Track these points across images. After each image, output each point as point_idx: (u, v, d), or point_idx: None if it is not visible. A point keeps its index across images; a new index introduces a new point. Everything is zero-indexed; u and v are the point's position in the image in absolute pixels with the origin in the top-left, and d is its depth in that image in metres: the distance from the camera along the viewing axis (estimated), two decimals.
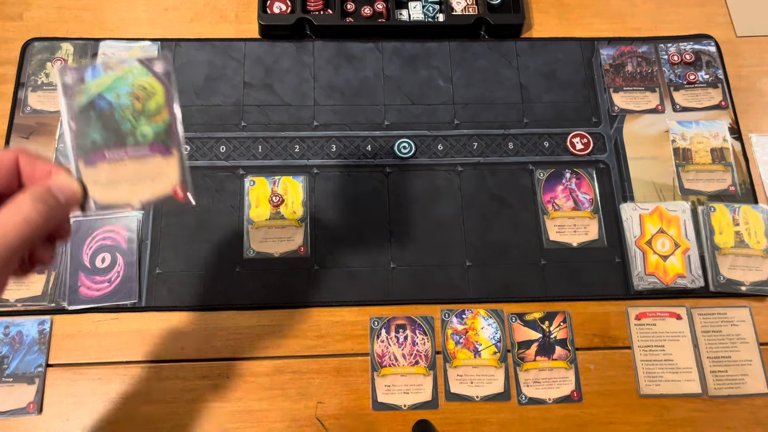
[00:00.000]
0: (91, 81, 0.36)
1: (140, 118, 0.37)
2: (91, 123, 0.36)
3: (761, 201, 0.68)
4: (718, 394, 0.60)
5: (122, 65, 0.37)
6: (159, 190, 0.37)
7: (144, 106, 0.37)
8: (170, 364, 0.59)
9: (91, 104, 0.36)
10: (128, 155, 0.37)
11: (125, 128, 0.37)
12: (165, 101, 0.37)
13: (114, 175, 0.36)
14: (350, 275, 0.63)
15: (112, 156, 0.36)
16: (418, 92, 0.71)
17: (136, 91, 0.37)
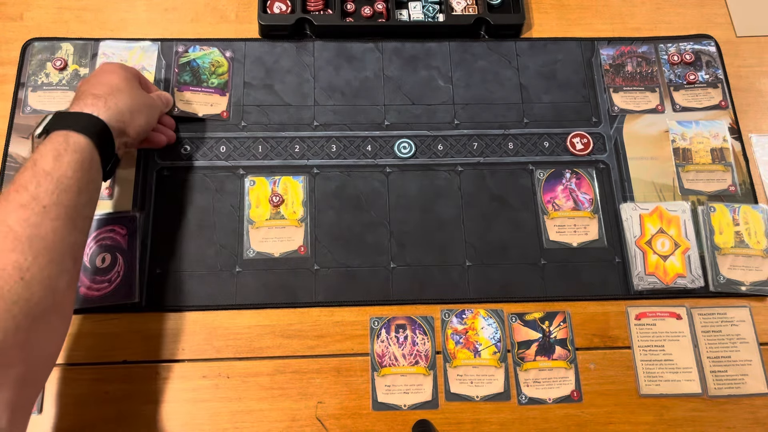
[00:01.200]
0: (191, 52, 0.71)
1: (212, 75, 0.70)
2: (186, 71, 0.70)
3: (761, 201, 0.68)
4: (718, 394, 0.60)
5: (209, 48, 0.71)
6: (216, 110, 0.69)
7: (216, 69, 0.70)
8: (170, 364, 0.59)
9: (189, 62, 0.70)
10: (203, 90, 0.69)
11: (204, 78, 0.70)
12: (227, 69, 0.70)
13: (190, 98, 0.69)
14: (350, 275, 0.63)
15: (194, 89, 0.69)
16: (418, 92, 0.71)
17: (212, 61, 0.71)
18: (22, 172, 0.48)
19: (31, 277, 0.44)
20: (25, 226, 0.45)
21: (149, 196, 0.65)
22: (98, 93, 0.54)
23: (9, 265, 0.43)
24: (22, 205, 0.46)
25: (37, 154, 0.49)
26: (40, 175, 0.47)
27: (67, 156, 0.49)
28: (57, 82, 0.69)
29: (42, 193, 0.47)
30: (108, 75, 0.57)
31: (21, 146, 0.66)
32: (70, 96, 0.67)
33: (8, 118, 0.67)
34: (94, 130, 0.52)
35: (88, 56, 0.70)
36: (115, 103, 0.54)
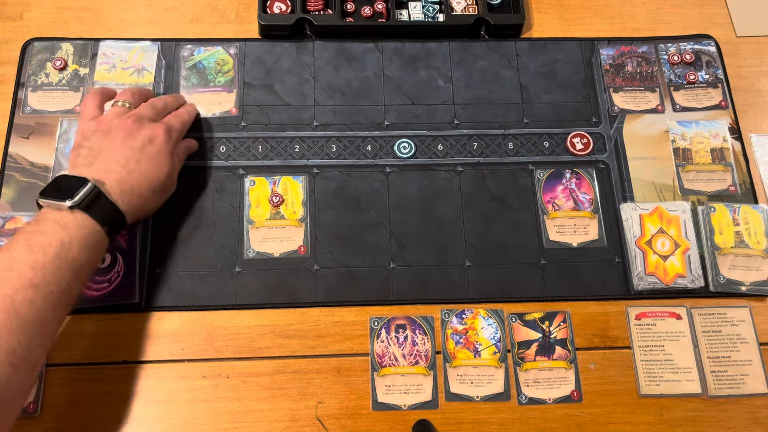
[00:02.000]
0: (196, 55, 0.71)
1: (218, 73, 0.70)
2: (193, 74, 0.70)
3: (761, 201, 0.68)
4: (718, 394, 0.60)
5: (213, 48, 0.71)
6: (224, 108, 0.69)
7: (221, 68, 0.70)
8: (170, 364, 0.59)
9: (195, 65, 0.70)
10: (210, 90, 0.69)
11: (210, 78, 0.70)
12: (232, 66, 0.71)
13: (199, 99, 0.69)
14: (350, 275, 0.63)
15: (202, 91, 0.69)
16: (418, 92, 0.71)
17: (218, 60, 0.71)
18: (45, 249, 0.46)
19: (19, 361, 0.43)
20: (30, 309, 0.44)
21: None
22: (139, 193, 0.54)
23: (3, 348, 0.42)
24: (33, 286, 0.45)
25: (64, 234, 0.48)
26: (63, 262, 0.47)
27: (93, 251, 0.50)
28: (57, 82, 0.69)
29: (57, 280, 0.46)
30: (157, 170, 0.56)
31: (21, 146, 0.66)
32: (69, 96, 0.68)
33: (8, 118, 0.67)
34: (117, 230, 0.53)
35: (88, 56, 0.70)
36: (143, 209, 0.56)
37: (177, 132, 0.60)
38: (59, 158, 0.66)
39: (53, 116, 0.67)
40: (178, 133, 0.60)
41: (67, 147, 0.66)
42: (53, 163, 0.65)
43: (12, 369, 0.42)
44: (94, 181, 0.51)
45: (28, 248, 0.46)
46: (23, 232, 0.48)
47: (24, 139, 0.66)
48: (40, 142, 0.66)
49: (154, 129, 0.57)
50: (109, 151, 0.55)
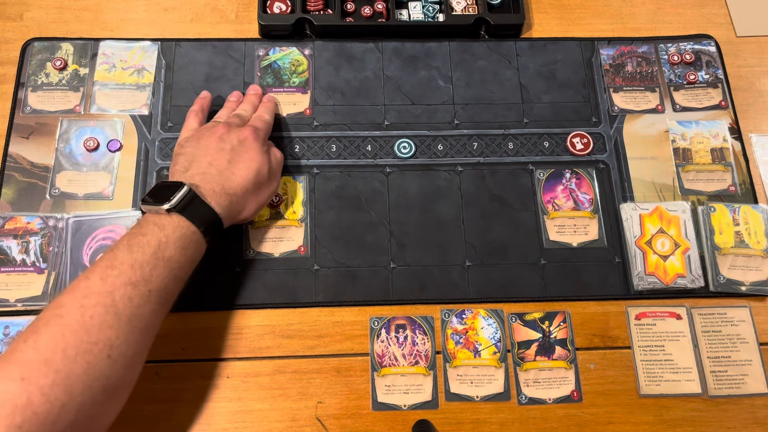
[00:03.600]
0: (271, 54, 0.72)
1: (293, 74, 0.71)
2: (267, 74, 0.71)
3: (761, 201, 0.68)
4: (718, 394, 0.60)
5: (288, 48, 0.72)
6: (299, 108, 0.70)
7: (296, 68, 0.71)
8: (170, 364, 0.59)
9: (270, 65, 0.71)
10: (285, 90, 0.70)
11: (285, 78, 0.71)
12: (307, 67, 0.71)
13: None
14: (350, 275, 0.63)
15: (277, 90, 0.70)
16: (418, 92, 0.71)
17: (292, 61, 0.72)
18: (143, 247, 0.49)
19: (117, 355, 0.45)
20: (128, 305, 0.46)
21: None
22: (232, 191, 0.55)
23: (101, 341, 0.44)
24: (132, 284, 0.47)
25: (161, 234, 0.50)
26: (160, 261, 0.49)
27: (188, 251, 0.51)
28: (57, 82, 0.69)
29: (154, 278, 0.48)
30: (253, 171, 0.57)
31: (21, 146, 0.66)
32: (69, 96, 0.68)
33: (8, 118, 0.67)
34: (215, 233, 0.54)
35: (88, 56, 0.70)
36: (239, 209, 0.57)
37: (263, 131, 0.62)
38: (59, 158, 0.66)
39: (53, 116, 0.67)
40: (264, 132, 0.62)
41: (67, 147, 0.66)
42: (53, 163, 0.65)
43: (111, 362, 0.44)
44: (190, 185, 0.53)
45: (129, 248, 0.48)
46: (127, 234, 0.50)
47: (24, 139, 0.66)
48: (40, 142, 0.66)
49: (242, 131, 0.59)
50: (203, 155, 0.57)
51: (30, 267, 0.61)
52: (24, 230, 0.62)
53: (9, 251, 0.61)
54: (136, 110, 0.68)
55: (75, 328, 0.43)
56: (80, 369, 0.42)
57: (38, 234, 0.62)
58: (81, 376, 0.42)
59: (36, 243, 0.62)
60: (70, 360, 0.42)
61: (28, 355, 0.42)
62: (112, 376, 0.44)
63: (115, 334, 0.45)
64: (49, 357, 0.42)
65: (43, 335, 0.43)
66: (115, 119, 0.68)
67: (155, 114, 0.68)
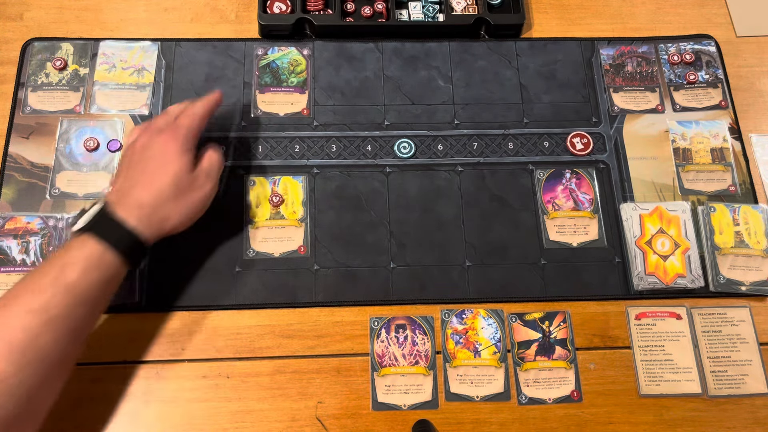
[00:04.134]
0: (269, 54, 0.71)
1: (291, 74, 0.70)
2: (266, 73, 0.70)
3: (761, 201, 0.68)
4: (718, 394, 0.60)
5: (286, 48, 0.72)
6: (296, 108, 0.69)
7: (294, 68, 0.71)
8: (170, 364, 0.59)
9: (268, 64, 0.71)
10: (283, 90, 0.70)
11: (283, 77, 0.71)
12: (305, 67, 0.71)
13: (272, 99, 0.70)
14: (350, 275, 0.63)
15: (275, 90, 0.70)
16: (418, 92, 0.71)
17: (291, 61, 0.71)
18: (45, 272, 0.46)
19: (13, 390, 0.43)
20: (24, 335, 0.44)
21: None
22: (146, 202, 0.51)
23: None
24: (29, 311, 0.44)
25: (65, 257, 0.47)
26: (60, 286, 0.46)
27: (96, 272, 0.48)
28: (57, 82, 0.69)
29: (55, 305, 0.45)
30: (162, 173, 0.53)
31: (21, 146, 0.66)
32: (69, 96, 0.68)
33: (8, 118, 0.67)
34: (132, 252, 0.50)
35: (88, 56, 0.70)
36: (160, 220, 0.52)
37: (185, 130, 0.56)
38: (59, 158, 0.66)
39: (53, 116, 0.67)
40: (186, 131, 0.56)
41: (67, 147, 0.66)
42: (53, 163, 0.65)
43: (7, 397, 0.42)
44: (106, 203, 0.52)
45: (33, 274, 0.47)
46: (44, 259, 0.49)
47: (24, 139, 0.66)
48: (40, 142, 0.66)
49: (159, 135, 0.55)
50: (122, 169, 0.55)
51: (30, 267, 0.61)
52: (24, 230, 0.62)
53: (9, 251, 0.61)
54: (136, 110, 0.68)
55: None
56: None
57: (38, 234, 0.62)
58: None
59: (36, 243, 0.62)
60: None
61: None
62: (5, 407, 0.42)
63: (9, 366, 0.42)
64: None
65: None
66: (115, 119, 0.68)
67: (155, 114, 0.68)
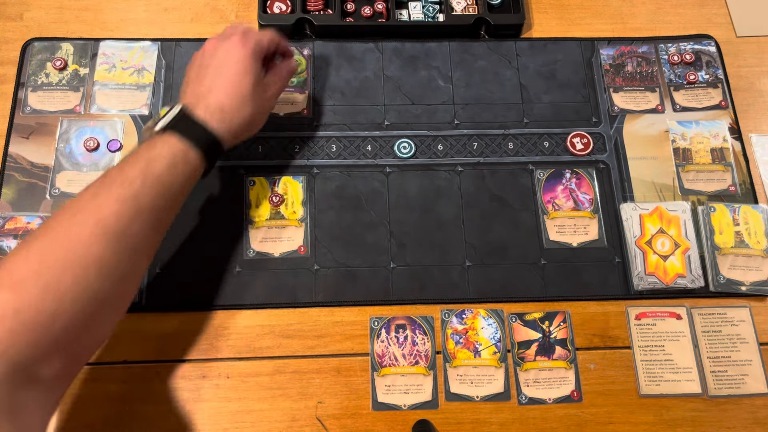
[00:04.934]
0: None
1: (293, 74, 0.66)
2: None
3: (761, 201, 0.68)
4: (718, 394, 0.60)
5: None
6: (296, 108, 0.70)
7: None
8: (170, 364, 0.59)
9: None
10: (284, 90, 0.64)
11: None
12: (306, 67, 0.71)
13: None
14: (350, 275, 0.63)
15: None
16: (418, 92, 0.71)
17: None
18: (132, 165, 0.49)
19: (107, 271, 0.45)
20: (117, 222, 0.46)
21: None
22: (226, 105, 0.54)
23: (91, 256, 0.44)
24: (121, 201, 0.47)
25: (151, 152, 0.50)
26: (148, 178, 0.48)
27: (180, 168, 0.51)
28: (57, 82, 0.69)
29: (144, 196, 0.48)
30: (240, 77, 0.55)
31: (21, 146, 0.66)
32: (69, 96, 0.68)
33: (8, 118, 0.67)
34: (211, 152, 0.53)
35: (88, 56, 0.70)
36: (240, 120, 0.55)
37: (255, 38, 0.57)
38: (59, 158, 0.66)
39: (53, 116, 0.67)
40: (257, 39, 0.57)
41: (67, 147, 0.66)
42: (53, 163, 0.65)
43: (100, 277, 0.44)
44: (184, 105, 0.54)
45: (120, 167, 0.49)
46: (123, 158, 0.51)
47: (24, 139, 0.66)
48: (40, 142, 0.66)
49: (229, 40, 0.57)
50: (195, 74, 0.57)
51: None
52: (24, 230, 0.62)
53: (9, 251, 0.61)
54: (136, 110, 0.68)
55: (64, 242, 0.44)
56: (69, 282, 0.42)
57: None
58: (70, 289, 0.42)
59: None
60: (58, 273, 0.42)
61: (19, 267, 0.42)
62: (100, 291, 0.44)
63: (104, 249, 0.45)
64: (39, 269, 0.42)
65: (33, 248, 0.43)
66: (115, 119, 0.68)
67: (155, 114, 0.68)
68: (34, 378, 0.41)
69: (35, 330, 0.40)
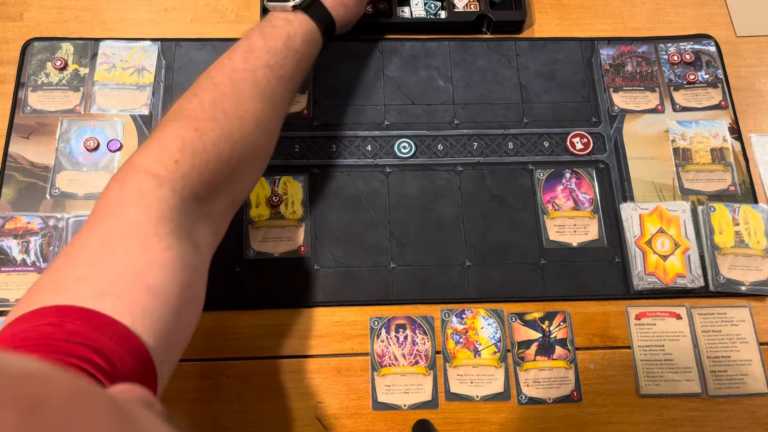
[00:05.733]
0: None
1: None
2: None
3: (761, 201, 0.68)
4: (718, 394, 0.60)
5: None
6: (296, 108, 0.69)
7: None
8: None
9: None
10: None
11: None
12: None
13: None
14: (350, 275, 0.63)
15: None
16: (418, 92, 0.71)
17: None
18: (275, 37, 0.54)
19: (263, 126, 0.51)
20: (268, 85, 0.52)
21: None
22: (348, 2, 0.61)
23: (250, 110, 0.50)
24: (269, 66, 0.53)
25: (290, 28, 0.56)
26: (290, 50, 0.55)
27: (311, 46, 0.58)
28: (57, 82, 0.69)
29: (286, 65, 0.54)
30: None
31: (21, 146, 0.66)
32: (69, 96, 0.68)
33: (8, 118, 0.67)
34: (329, 36, 0.61)
35: (88, 56, 0.70)
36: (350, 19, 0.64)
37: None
38: (59, 158, 0.66)
39: (53, 116, 0.67)
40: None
41: (67, 147, 0.66)
42: (53, 163, 0.65)
43: (258, 130, 0.50)
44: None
45: (263, 37, 0.54)
46: (258, 26, 0.56)
47: (24, 139, 0.66)
48: (40, 142, 0.66)
49: None
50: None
51: (30, 267, 0.61)
52: (24, 230, 0.62)
53: (9, 251, 0.61)
54: (136, 110, 0.68)
55: (229, 95, 0.49)
56: (237, 130, 0.48)
57: (38, 234, 0.62)
58: (238, 136, 0.48)
59: (36, 243, 0.62)
60: (229, 121, 0.48)
61: (197, 113, 0.48)
62: (258, 143, 0.51)
63: (260, 106, 0.51)
64: (215, 115, 0.48)
65: (206, 98, 0.49)
66: (116, 119, 0.68)
67: (155, 114, 0.68)
68: (208, 211, 0.47)
69: (213, 169, 0.46)
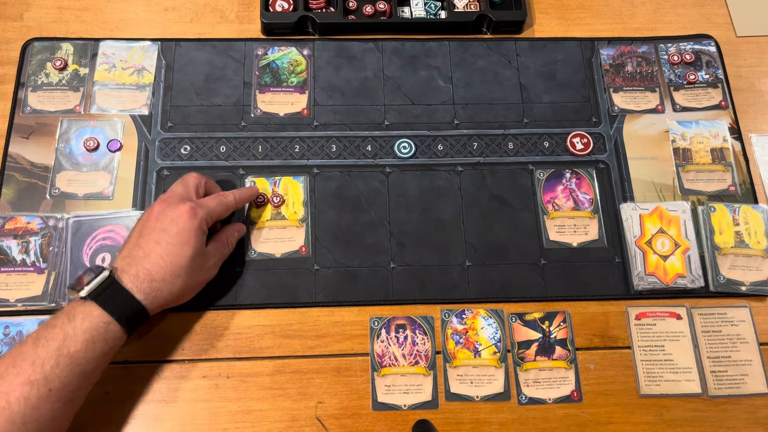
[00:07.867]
0: (269, 54, 0.72)
1: (291, 74, 0.71)
2: (266, 73, 0.71)
3: (761, 201, 0.68)
4: (718, 394, 0.60)
5: (286, 48, 0.72)
6: (296, 108, 0.69)
7: (294, 68, 0.71)
8: (170, 364, 0.59)
9: (268, 64, 0.71)
10: (283, 90, 0.70)
11: (283, 77, 0.71)
12: (305, 67, 0.71)
13: (272, 99, 0.70)
14: (350, 275, 0.63)
15: (275, 90, 0.70)
16: (418, 92, 0.71)
17: (291, 61, 0.71)
18: (48, 340, 0.47)
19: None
20: (24, 406, 0.45)
21: (149, 196, 0.65)
22: (158, 275, 0.51)
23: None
24: (30, 383, 0.45)
25: (69, 327, 0.48)
26: (62, 357, 0.47)
27: (99, 344, 0.49)
28: (57, 82, 0.69)
29: (56, 376, 0.46)
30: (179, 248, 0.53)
31: (21, 146, 0.66)
32: (69, 96, 0.68)
33: (8, 118, 0.67)
34: (134, 323, 0.51)
35: (88, 56, 0.70)
36: (170, 292, 0.53)
37: (207, 210, 0.55)
38: (59, 158, 0.66)
39: (53, 116, 0.67)
40: (208, 211, 0.55)
41: (67, 147, 0.66)
42: (53, 163, 0.65)
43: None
44: (113, 269, 0.51)
45: (34, 342, 0.47)
46: (42, 323, 0.49)
47: (24, 139, 0.66)
48: (40, 142, 0.66)
49: (178, 208, 0.54)
50: (135, 236, 0.54)
51: (30, 267, 0.61)
52: (24, 230, 0.62)
53: (9, 251, 0.61)
54: (136, 110, 0.68)
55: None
56: None
57: (38, 234, 0.62)
58: None
59: (36, 243, 0.62)
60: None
61: None
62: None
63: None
64: None
65: None
66: (115, 119, 0.68)
67: (155, 114, 0.68)
68: None
69: None
